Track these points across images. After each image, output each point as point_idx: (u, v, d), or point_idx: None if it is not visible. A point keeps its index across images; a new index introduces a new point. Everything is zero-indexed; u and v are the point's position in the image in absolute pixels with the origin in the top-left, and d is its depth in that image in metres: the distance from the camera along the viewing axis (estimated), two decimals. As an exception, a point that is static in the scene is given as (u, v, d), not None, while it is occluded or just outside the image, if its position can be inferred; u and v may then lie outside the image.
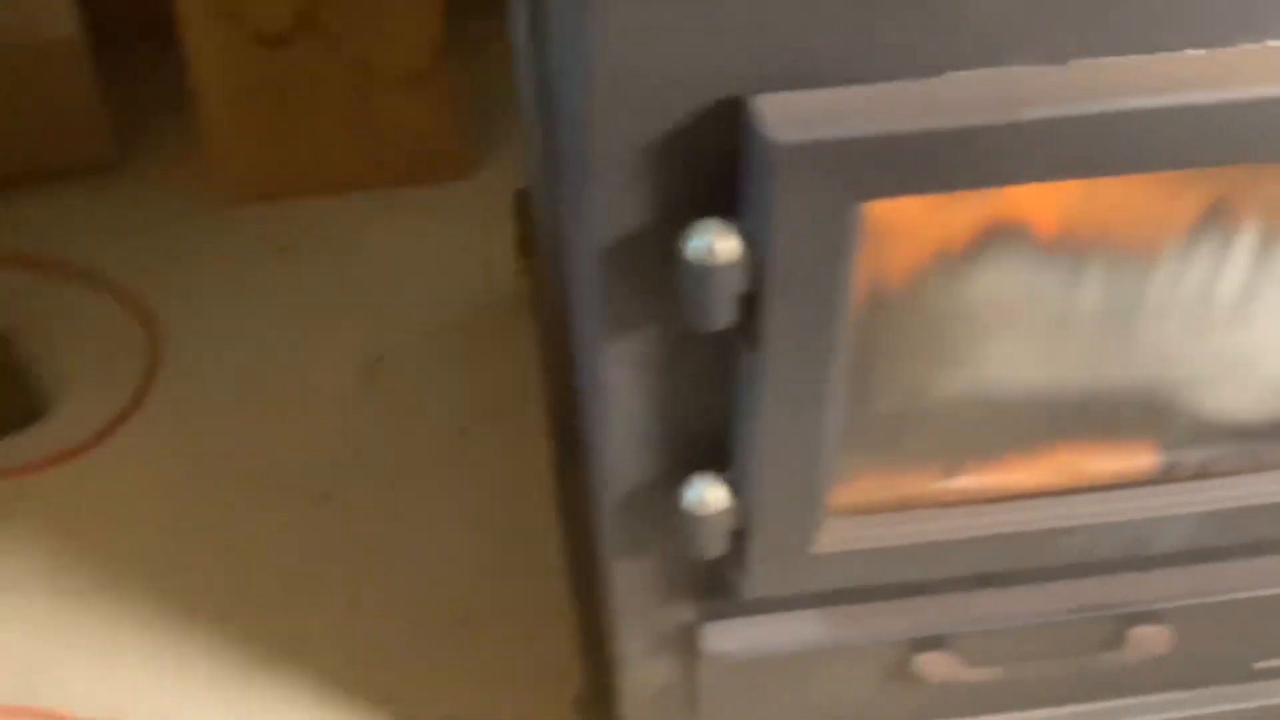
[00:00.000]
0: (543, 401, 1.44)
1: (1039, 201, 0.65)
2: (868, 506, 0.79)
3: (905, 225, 0.65)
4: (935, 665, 0.92)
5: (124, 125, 1.71)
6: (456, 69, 1.68)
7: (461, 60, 1.70)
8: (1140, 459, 0.81)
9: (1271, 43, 0.60)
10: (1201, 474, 0.81)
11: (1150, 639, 0.93)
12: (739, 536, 0.78)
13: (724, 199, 0.62)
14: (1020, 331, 0.71)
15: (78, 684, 1.25)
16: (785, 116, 0.58)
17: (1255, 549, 0.89)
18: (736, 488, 0.75)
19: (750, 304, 0.64)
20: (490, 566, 1.33)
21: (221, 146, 1.66)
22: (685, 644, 0.90)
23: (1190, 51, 0.60)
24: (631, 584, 0.86)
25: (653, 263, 0.66)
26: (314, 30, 1.60)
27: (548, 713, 1.20)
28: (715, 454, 0.76)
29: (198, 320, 1.57)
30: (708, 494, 0.76)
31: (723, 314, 0.65)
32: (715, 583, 0.84)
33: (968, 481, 0.79)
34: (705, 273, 0.63)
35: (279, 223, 1.68)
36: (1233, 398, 0.80)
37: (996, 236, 0.66)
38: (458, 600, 1.30)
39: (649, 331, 0.70)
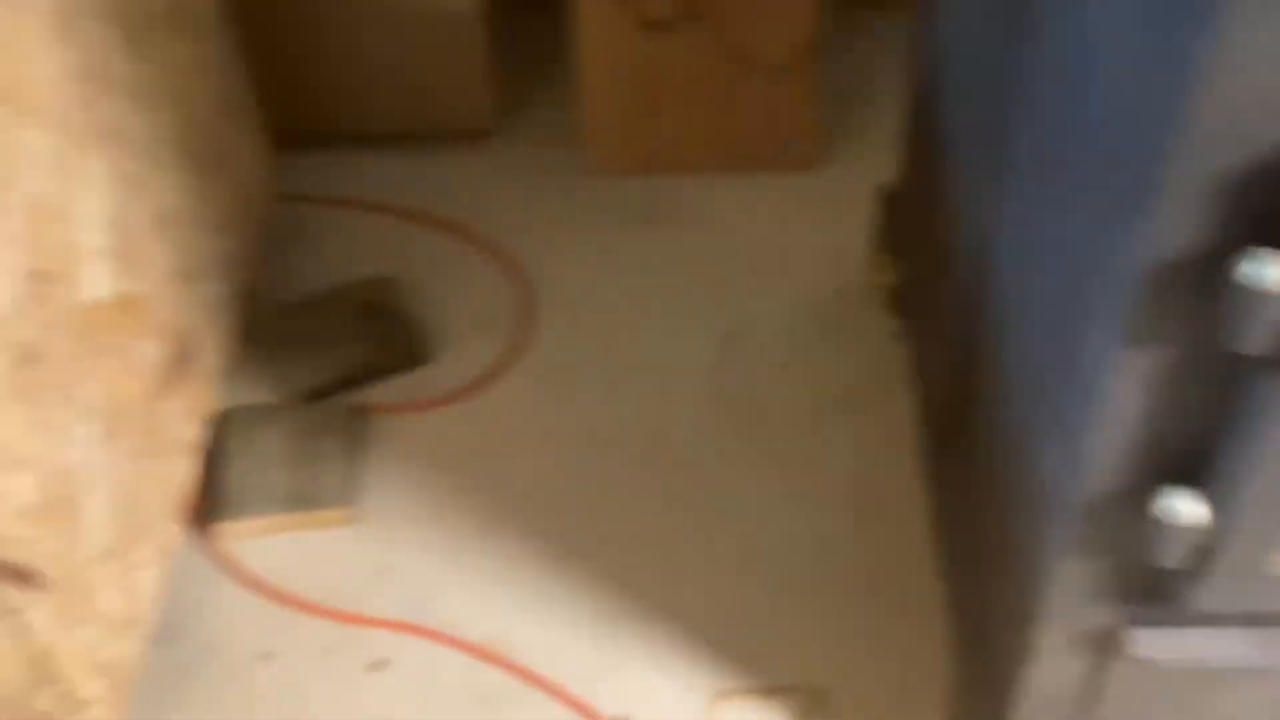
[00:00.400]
0: (910, 394, 1.49)
1: None
2: (1335, 535, 0.81)
3: None
4: (1348, 698, 0.93)
5: (506, 93, 1.82)
6: (818, 62, 1.74)
7: (822, 54, 1.75)
8: None
9: None
10: None
11: None
12: (1201, 550, 0.81)
13: (1282, 230, 0.65)
14: None
15: (462, 609, 1.37)
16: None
17: None
18: (1213, 504, 0.78)
19: (1290, 332, 0.67)
20: (845, 544, 1.38)
21: (596, 120, 1.76)
22: (1105, 646, 0.93)
23: None
24: (1067, 582, 0.89)
25: (1190, 283, 0.69)
26: (696, 19, 1.68)
27: (908, 691, 1.25)
28: (1192, 468, 0.79)
29: (566, 283, 1.68)
30: (1183, 507, 0.79)
31: (1261, 340, 0.68)
32: (1157, 590, 0.87)
33: None
34: (1256, 299, 0.66)
35: (643, 196, 1.77)
36: None
37: None
38: (814, 573, 1.36)
39: (1164, 348, 0.73)
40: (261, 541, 1.43)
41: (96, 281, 1.18)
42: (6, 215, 1.02)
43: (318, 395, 1.55)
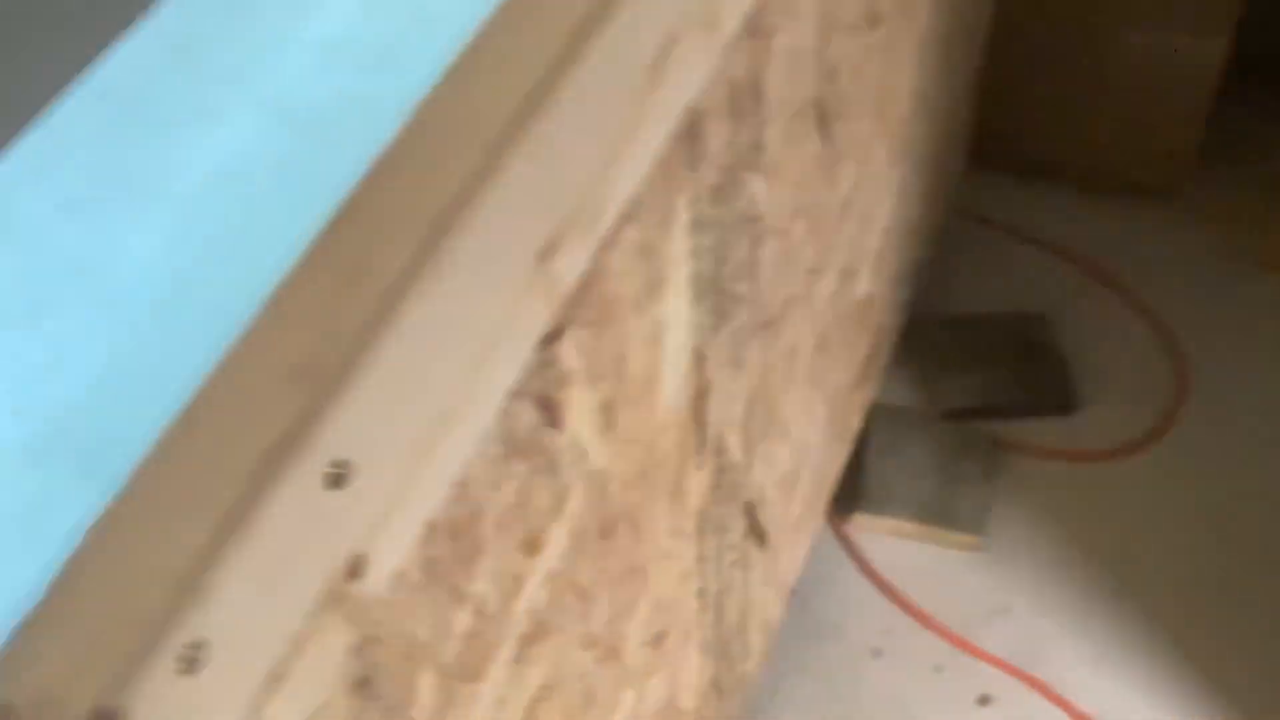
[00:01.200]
0: None
1: None
2: None
3: None
4: None
5: (1205, 158, 1.75)
6: None
7: None
8: None
9: None
10: None
11: None
12: None
13: None
14: None
15: (1072, 671, 1.38)
16: None
17: None
18: None
19: None
20: None
21: (1300, 213, 1.68)
22: None
23: None
24: None
25: None
26: None
27: None
28: None
29: (1224, 368, 1.62)
30: None
31: None
32: None
33: None
34: None
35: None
36: None
37: None
38: None
39: None
40: (888, 541, 1.49)
41: (862, 281, 1.26)
42: (850, 219, 1.10)
43: (959, 415, 1.59)
